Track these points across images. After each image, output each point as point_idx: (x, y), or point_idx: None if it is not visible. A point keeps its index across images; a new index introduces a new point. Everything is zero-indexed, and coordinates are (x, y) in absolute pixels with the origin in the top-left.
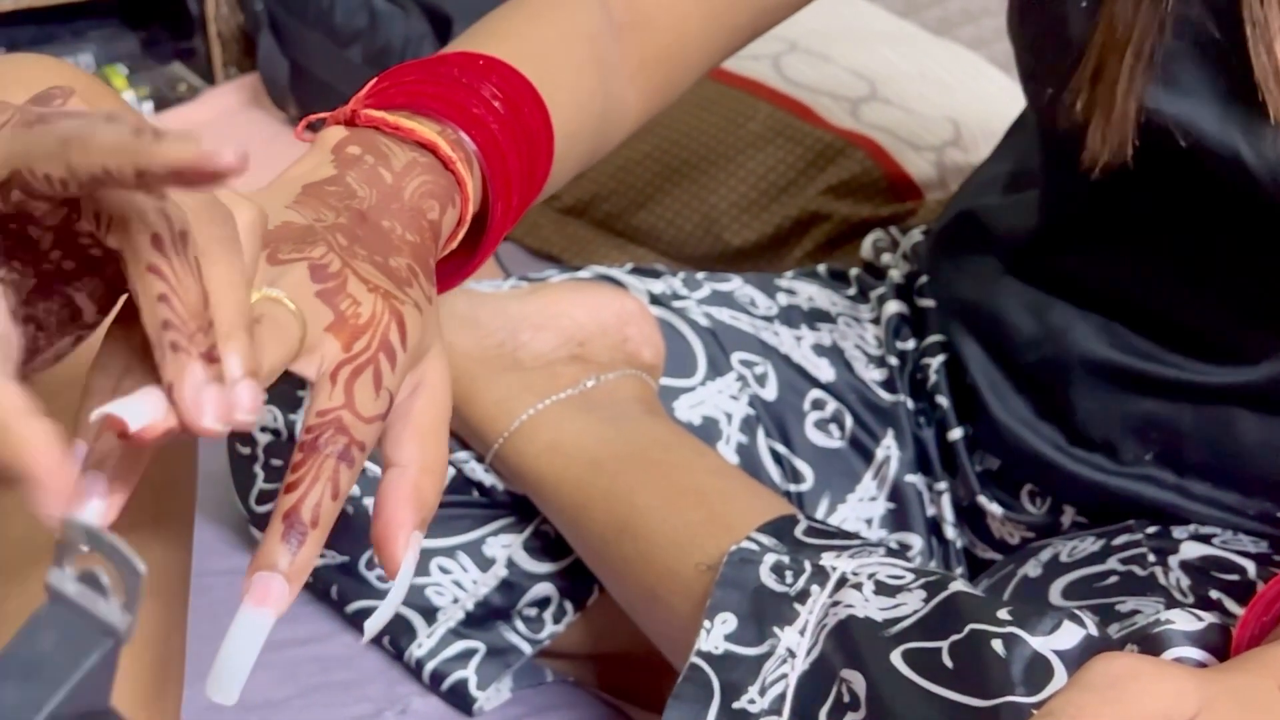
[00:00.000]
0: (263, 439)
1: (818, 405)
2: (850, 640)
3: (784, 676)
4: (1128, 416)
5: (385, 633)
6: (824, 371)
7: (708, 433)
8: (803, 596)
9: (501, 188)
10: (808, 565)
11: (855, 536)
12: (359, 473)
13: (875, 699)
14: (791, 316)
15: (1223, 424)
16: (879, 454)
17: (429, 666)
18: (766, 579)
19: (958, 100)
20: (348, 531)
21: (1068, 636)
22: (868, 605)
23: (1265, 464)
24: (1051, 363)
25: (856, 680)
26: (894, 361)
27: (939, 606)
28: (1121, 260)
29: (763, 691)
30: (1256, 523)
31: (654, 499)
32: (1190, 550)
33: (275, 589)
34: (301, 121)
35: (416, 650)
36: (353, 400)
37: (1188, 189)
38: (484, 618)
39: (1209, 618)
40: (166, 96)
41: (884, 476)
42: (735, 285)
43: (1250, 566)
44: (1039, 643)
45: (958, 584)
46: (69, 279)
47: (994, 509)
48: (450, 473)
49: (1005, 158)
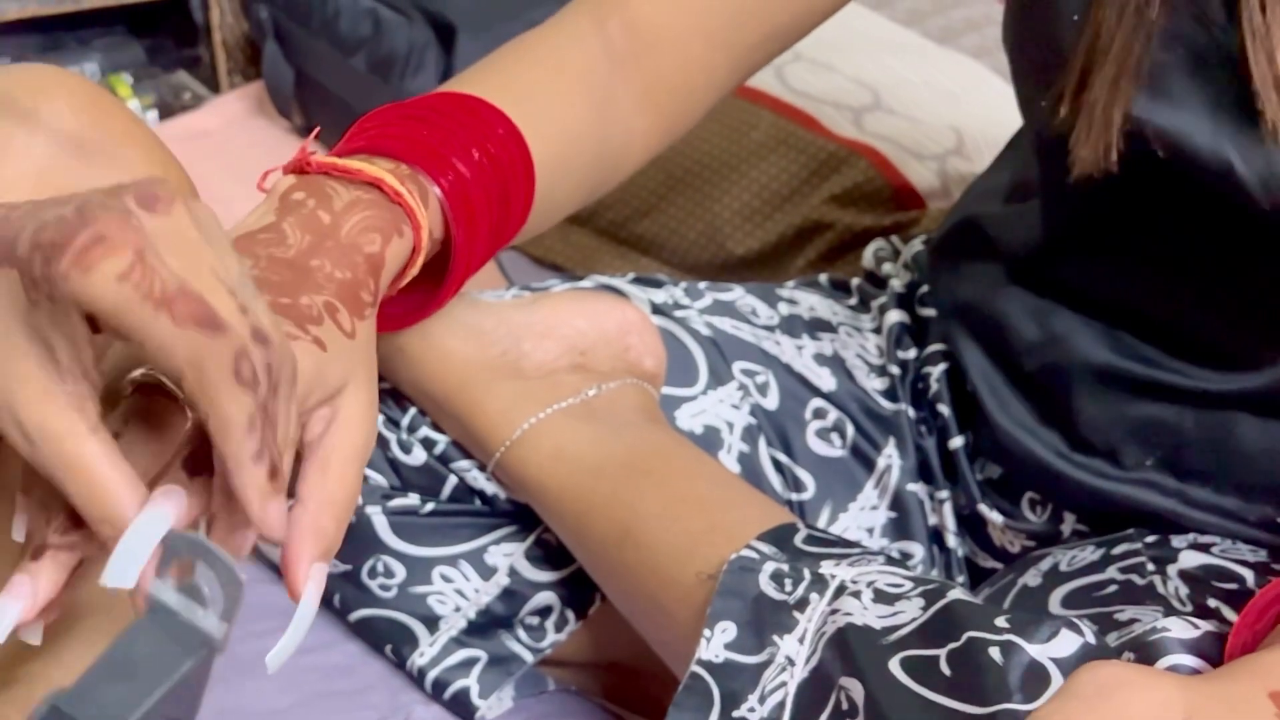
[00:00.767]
0: None
1: (819, 414)
2: (849, 648)
3: (783, 685)
4: (1129, 422)
5: (387, 641)
6: (825, 381)
7: (709, 442)
8: (802, 605)
9: (463, 217)
10: (807, 573)
11: (855, 545)
12: None
13: (873, 707)
14: (793, 326)
15: (1224, 429)
16: (880, 463)
17: (431, 675)
18: (766, 587)
19: (961, 109)
20: (350, 540)
21: (1065, 645)
22: (866, 613)
23: (1266, 470)
24: (1053, 369)
25: (855, 688)
26: (895, 370)
27: (937, 614)
28: (1122, 268)
29: (762, 700)
30: (1257, 529)
31: (655, 507)
32: (1189, 559)
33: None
34: (262, 175)
35: (418, 659)
36: None
37: (1182, 199)
38: (486, 626)
39: (1205, 625)
40: (171, 105)
41: (885, 485)
42: (737, 295)
43: (1249, 575)
44: (1036, 651)
45: (956, 592)
46: None
47: (995, 517)
48: (452, 481)
49: (1006, 167)
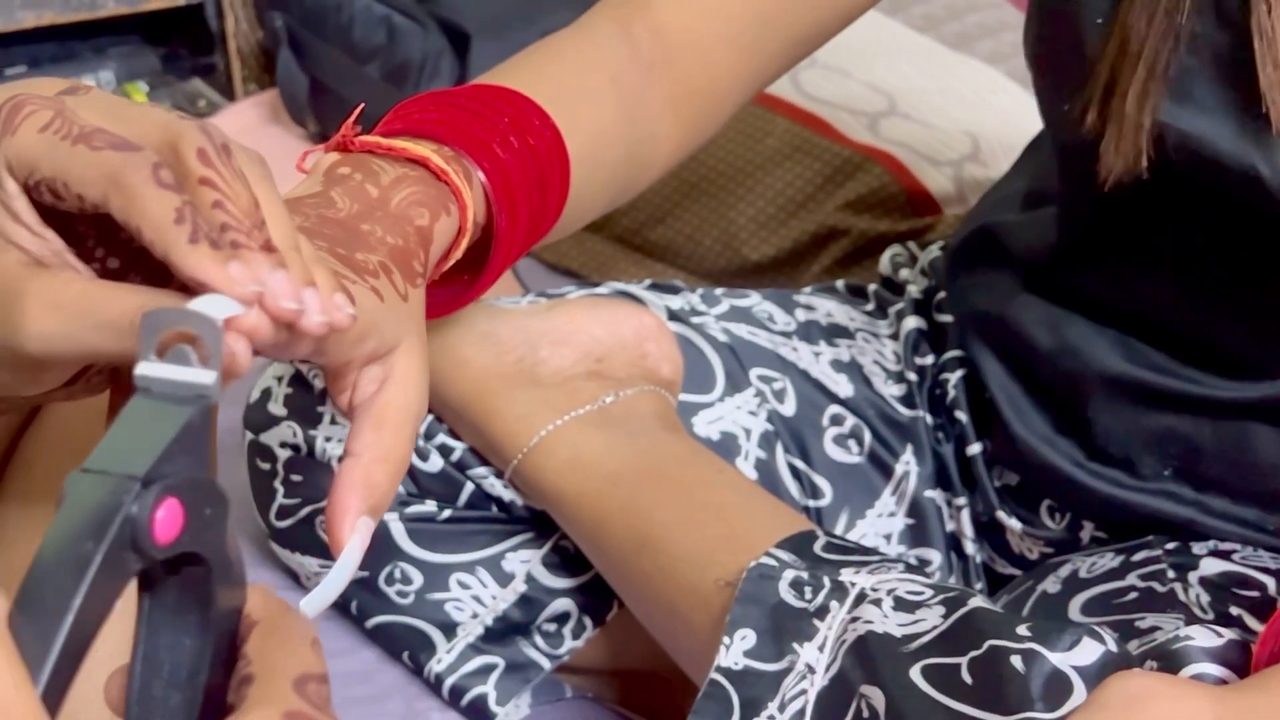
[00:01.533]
0: (282, 455)
1: (836, 421)
2: (869, 656)
3: (803, 693)
4: (1146, 432)
5: (404, 648)
6: (842, 387)
7: (726, 448)
8: (822, 612)
9: (505, 202)
10: (827, 581)
11: (874, 552)
12: None
13: (894, 715)
14: (810, 332)
15: (1241, 439)
16: (898, 469)
17: (448, 682)
18: (786, 595)
19: (976, 115)
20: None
21: (1087, 653)
22: (887, 621)
23: None
24: (1070, 378)
25: (876, 696)
26: (913, 377)
27: (958, 622)
28: (1139, 276)
29: (782, 708)
30: (1276, 538)
31: (673, 515)
32: (1210, 566)
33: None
34: (301, 155)
35: (435, 665)
36: None
37: (1204, 204)
38: (503, 633)
39: (1229, 634)
40: (186, 112)
41: (903, 492)
42: (753, 301)
43: (1270, 583)
44: (1058, 659)
45: (977, 600)
46: (118, 279)
47: (1013, 524)
48: (469, 488)
49: (1023, 174)
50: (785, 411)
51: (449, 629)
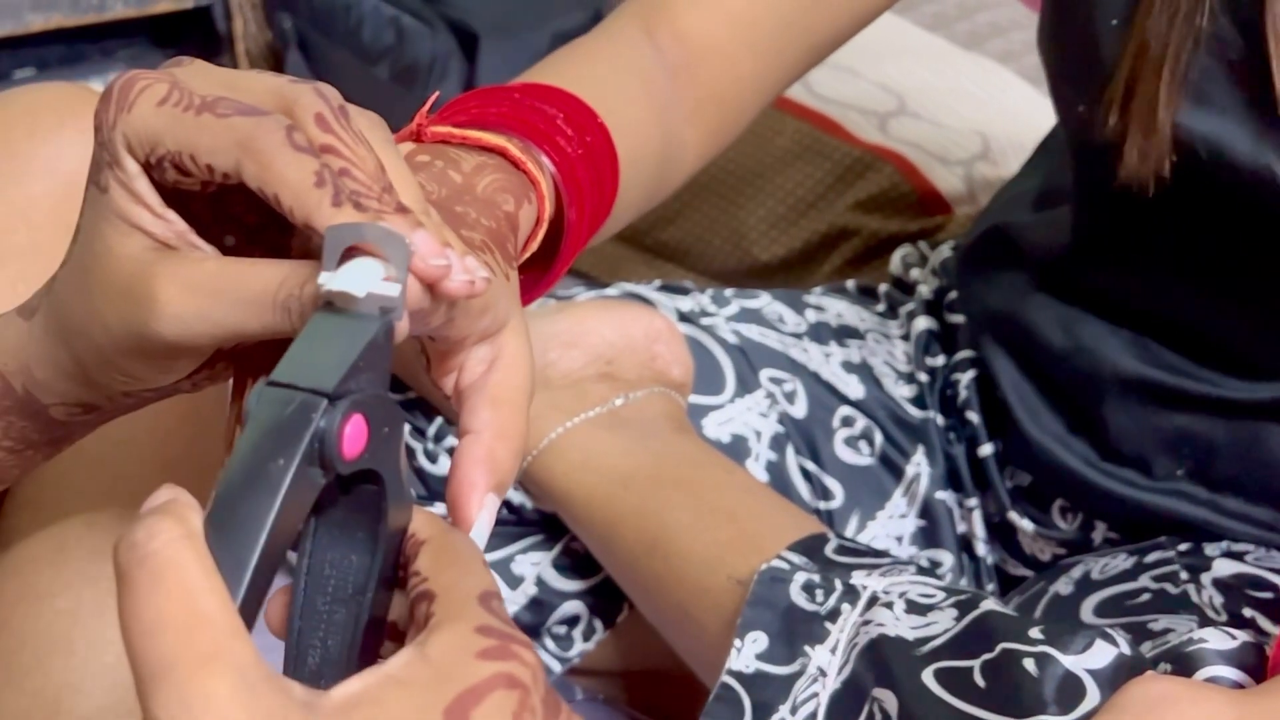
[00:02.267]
0: None
1: (847, 422)
2: (882, 659)
3: (815, 696)
4: (1160, 432)
5: None
6: (853, 388)
7: (737, 450)
8: (834, 615)
9: (574, 194)
10: (838, 584)
11: (886, 555)
12: None
13: (907, 718)
14: (820, 333)
15: (1255, 439)
16: (909, 471)
17: None
18: (797, 598)
19: (986, 114)
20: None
21: (1100, 655)
22: (899, 624)
23: None
24: (1083, 378)
25: (888, 699)
26: (923, 378)
27: (970, 625)
28: (1153, 275)
29: (794, 711)
30: None
31: (684, 517)
32: (1223, 568)
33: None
34: None
35: None
36: None
37: (1220, 206)
38: None
39: (1243, 636)
40: None
41: (914, 493)
42: (764, 302)
43: None
44: (1071, 662)
45: (989, 603)
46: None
47: (1025, 525)
48: None
49: (1035, 173)
50: (796, 413)
51: None
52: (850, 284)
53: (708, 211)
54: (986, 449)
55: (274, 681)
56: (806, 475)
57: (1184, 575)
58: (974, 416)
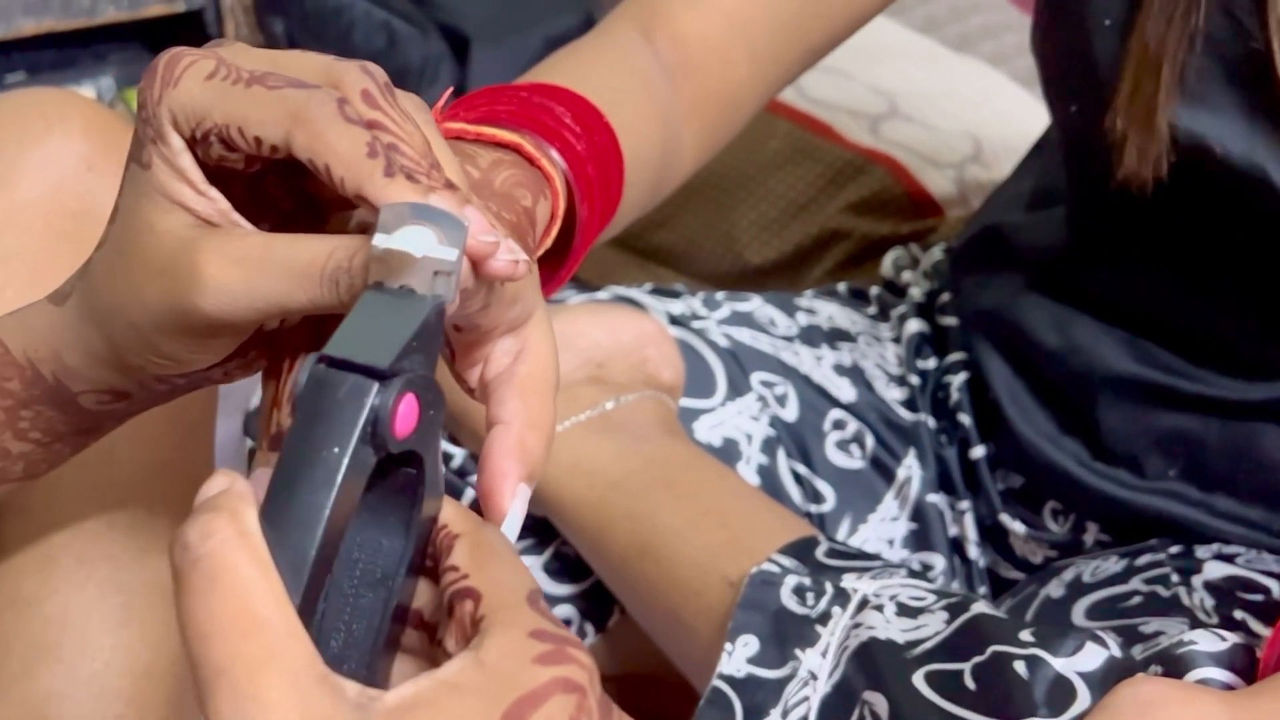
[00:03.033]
0: None
1: (839, 425)
2: (872, 662)
3: (806, 699)
4: (1152, 431)
5: None
6: (845, 391)
7: (728, 454)
8: (824, 618)
9: (585, 190)
10: (829, 587)
11: (876, 558)
12: None
13: None
14: (812, 336)
15: (1248, 439)
16: (900, 474)
17: None
18: (788, 601)
19: (978, 116)
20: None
21: (1090, 658)
22: (889, 627)
23: None
24: (1076, 378)
25: (879, 702)
26: (915, 380)
27: (961, 628)
28: (1147, 275)
29: (785, 714)
30: None
31: (675, 520)
32: (1214, 570)
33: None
34: None
35: None
36: None
37: (1215, 205)
38: None
39: (1233, 638)
40: None
41: (906, 496)
42: (755, 305)
43: (1274, 586)
44: (1062, 664)
45: (980, 605)
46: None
47: (1017, 527)
48: (469, 494)
49: (1028, 174)
50: (787, 416)
51: None
52: (841, 287)
53: (700, 215)
54: (978, 451)
55: (328, 683)
56: (798, 478)
57: (1175, 578)
58: (965, 419)
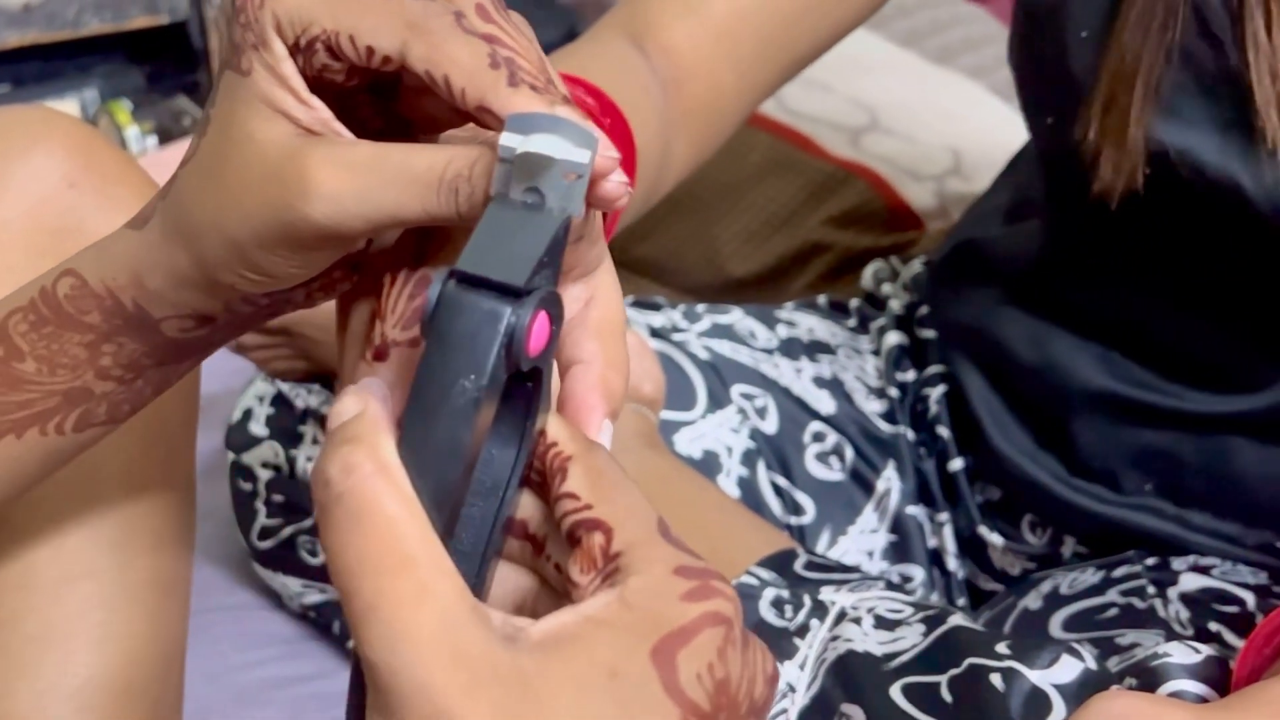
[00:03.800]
0: (264, 475)
1: (818, 438)
2: (850, 675)
3: (784, 711)
4: (1128, 446)
5: None
6: (824, 403)
7: (708, 466)
8: (802, 631)
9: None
10: (807, 600)
11: (855, 570)
12: None
13: None
14: (792, 348)
15: (1223, 454)
16: (880, 486)
17: None
18: (766, 614)
19: (958, 129)
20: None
21: (1066, 670)
22: (867, 639)
23: (1265, 494)
24: (1052, 393)
25: (856, 714)
26: (894, 393)
27: (938, 640)
28: (1122, 289)
29: None
30: (1256, 553)
31: None
32: (1189, 582)
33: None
34: None
35: None
36: None
37: (1189, 218)
38: None
39: (1206, 650)
40: (171, 130)
41: (885, 508)
42: (735, 317)
43: (1249, 598)
44: (1037, 676)
45: (957, 618)
46: None
47: (995, 539)
48: None
49: (1006, 188)
50: (767, 429)
51: None
52: (822, 299)
53: (682, 227)
54: (957, 464)
55: (476, 614)
56: (778, 490)
57: (1151, 590)
58: (944, 431)
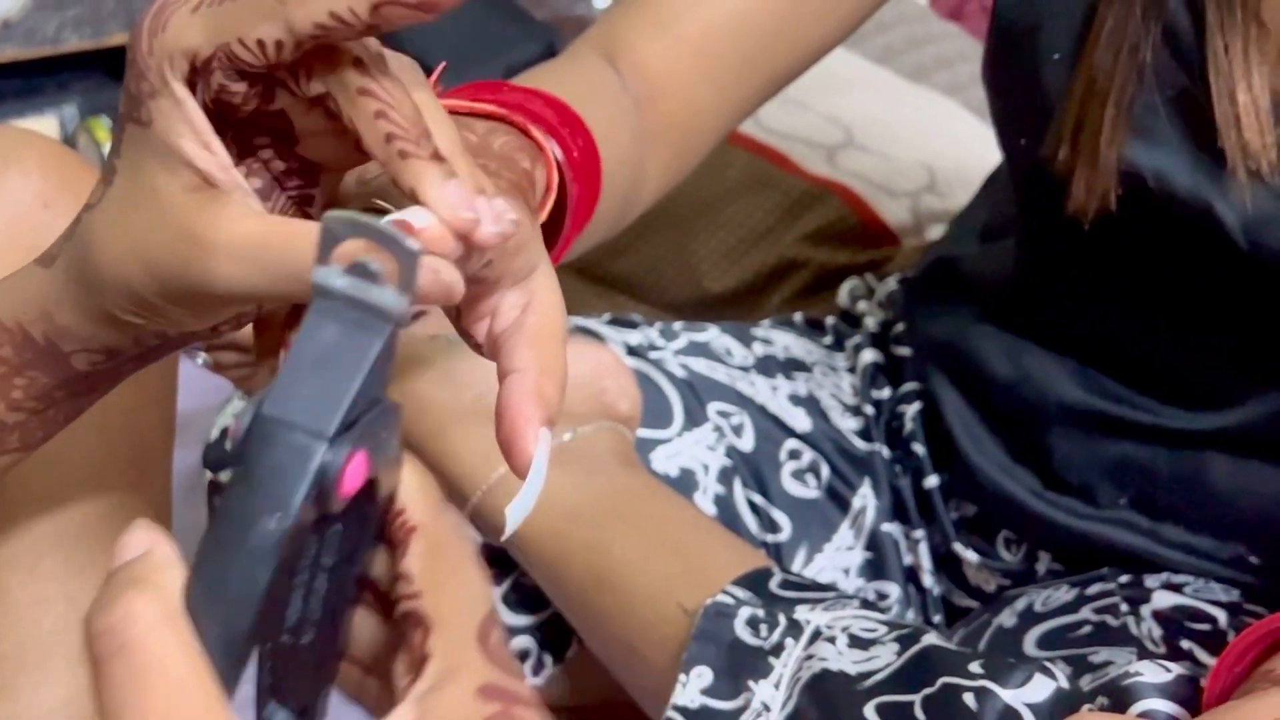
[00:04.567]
0: None
1: (794, 455)
2: (824, 694)
3: None
4: (1103, 460)
5: None
6: (800, 421)
7: (685, 484)
8: (777, 650)
9: (575, 169)
10: (782, 619)
11: (830, 588)
12: None
13: None
14: (768, 366)
15: (1196, 468)
16: (856, 503)
17: None
18: (742, 633)
19: (933, 146)
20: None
21: (1039, 689)
22: (841, 658)
23: (1238, 508)
24: (1028, 407)
25: None
26: (870, 410)
27: (912, 659)
28: (1097, 306)
29: None
30: (1229, 568)
31: (631, 552)
32: (1162, 599)
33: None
34: None
35: None
36: None
37: (1162, 238)
38: None
39: (1177, 669)
40: None
41: (861, 525)
42: (712, 335)
43: (1221, 616)
44: (1010, 696)
45: (930, 636)
46: (282, 181)
47: (970, 556)
48: None
49: (982, 206)
50: (743, 446)
51: None
52: (798, 317)
53: (658, 243)
54: (932, 481)
55: None
56: (754, 508)
57: (1124, 607)
58: (919, 448)
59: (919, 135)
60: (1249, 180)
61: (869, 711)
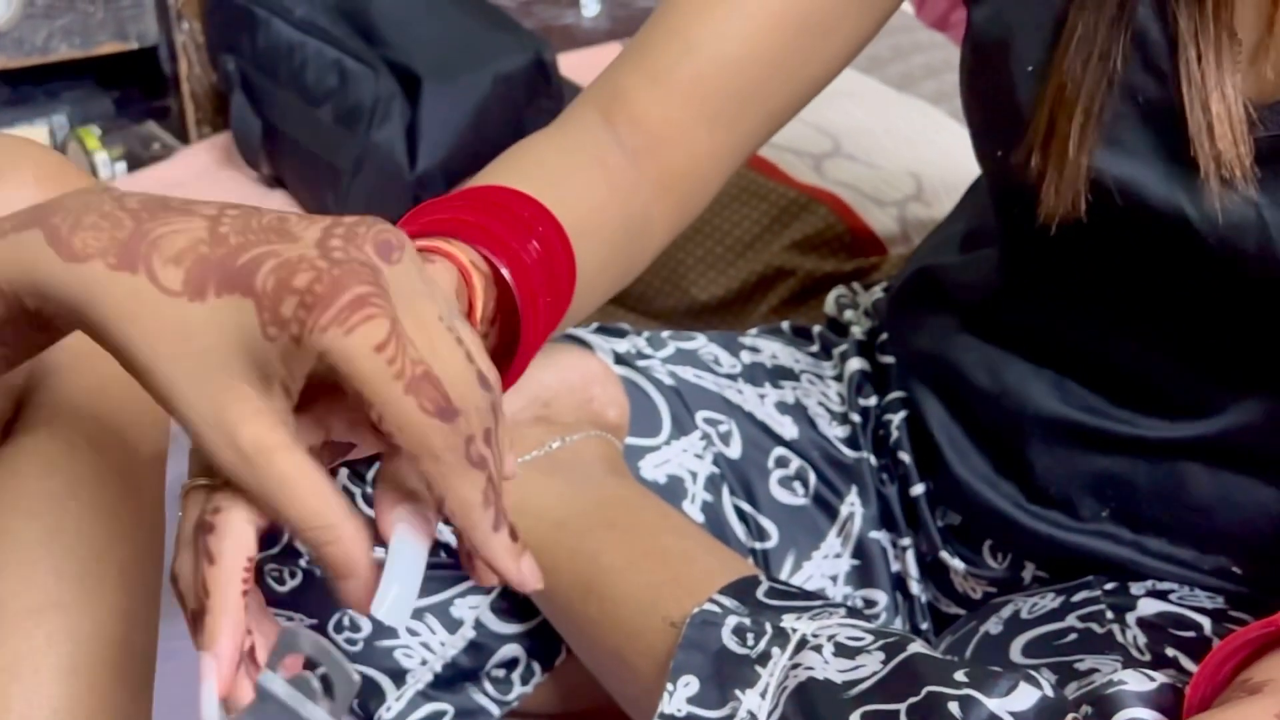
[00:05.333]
0: None
1: (782, 463)
2: (810, 703)
3: None
4: (1084, 473)
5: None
6: (787, 429)
7: (673, 492)
8: (764, 659)
9: (526, 291)
10: (769, 627)
11: (817, 597)
12: None
13: None
14: (755, 374)
15: (1176, 479)
16: (843, 511)
17: None
18: (728, 641)
19: (920, 155)
20: (313, 591)
21: (1023, 698)
22: (827, 667)
23: (1220, 519)
24: (1008, 419)
25: None
26: (856, 418)
27: (897, 668)
28: (1074, 316)
29: None
30: (1213, 577)
31: (618, 560)
32: (1147, 607)
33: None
34: None
35: (385, 714)
36: None
37: (1136, 246)
38: (452, 679)
39: (1161, 677)
40: (140, 156)
41: (848, 533)
42: (699, 344)
43: (1206, 623)
44: (995, 704)
45: (916, 645)
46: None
47: (956, 564)
48: None
49: (962, 216)
50: (731, 454)
51: (398, 676)
52: (785, 325)
53: None
54: (918, 489)
55: None
56: (742, 516)
57: (1109, 615)
58: (906, 457)
59: (906, 144)
60: (1222, 188)
61: None
